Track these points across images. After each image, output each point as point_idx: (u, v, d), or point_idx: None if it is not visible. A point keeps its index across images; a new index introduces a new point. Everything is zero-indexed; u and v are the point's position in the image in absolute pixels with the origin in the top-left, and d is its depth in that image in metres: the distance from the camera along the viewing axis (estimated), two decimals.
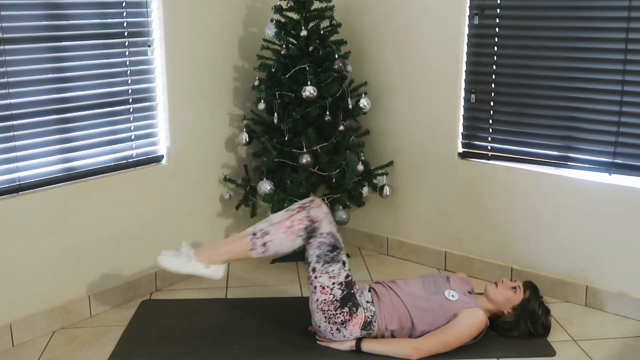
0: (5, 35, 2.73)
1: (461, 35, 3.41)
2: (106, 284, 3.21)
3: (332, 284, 2.71)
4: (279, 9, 3.42)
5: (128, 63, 3.19)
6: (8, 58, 2.75)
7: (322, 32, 3.45)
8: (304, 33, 3.35)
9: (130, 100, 3.23)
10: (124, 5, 3.14)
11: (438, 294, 2.83)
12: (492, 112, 3.42)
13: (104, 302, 3.20)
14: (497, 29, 3.33)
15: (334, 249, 2.73)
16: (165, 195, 3.41)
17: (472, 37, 3.40)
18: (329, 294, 2.71)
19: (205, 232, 3.61)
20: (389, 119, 3.75)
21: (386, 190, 3.67)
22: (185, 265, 2.74)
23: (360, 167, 3.55)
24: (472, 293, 2.97)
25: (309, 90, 3.29)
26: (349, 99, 3.45)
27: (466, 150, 3.54)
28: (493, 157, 3.45)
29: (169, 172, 3.42)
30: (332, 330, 2.76)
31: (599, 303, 3.19)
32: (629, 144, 3.04)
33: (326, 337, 2.80)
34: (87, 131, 3.08)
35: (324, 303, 2.72)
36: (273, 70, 3.44)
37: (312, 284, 2.74)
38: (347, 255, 3.84)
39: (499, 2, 3.29)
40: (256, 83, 3.48)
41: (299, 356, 2.77)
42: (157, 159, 3.39)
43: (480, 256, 3.56)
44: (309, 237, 2.73)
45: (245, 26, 3.68)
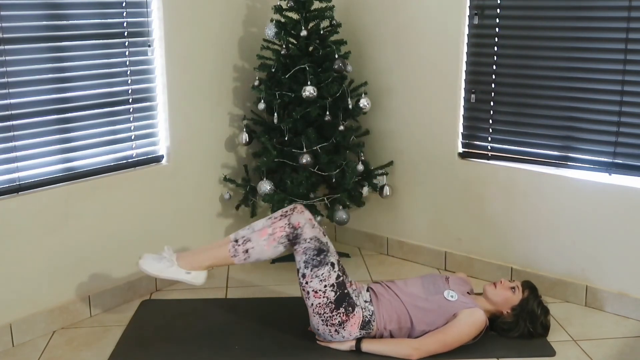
0: (5, 35, 2.73)
1: (461, 35, 3.41)
2: (106, 284, 3.21)
3: (324, 286, 2.71)
4: (279, 9, 3.42)
5: (128, 63, 3.19)
6: (8, 58, 2.75)
7: (322, 32, 3.45)
8: (304, 33, 3.35)
9: (130, 100, 3.23)
10: (124, 5, 3.14)
11: (437, 294, 2.82)
12: (492, 112, 3.42)
13: (104, 302, 3.20)
14: (497, 29, 3.33)
15: (319, 252, 2.71)
16: (165, 195, 3.41)
17: (472, 37, 3.40)
18: (323, 297, 2.71)
19: (205, 232, 3.61)
20: (389, 119, 3.75)
21: (386, 190, 3.67)
22: (166, 270, 2.72)
23: (360, 167, 3.55)
24: (471, 293, 2.97)
25: (309, 90, 3.29)
26: (349, 99, 3.45)
27: (466, 150, 3.54)
28: (493, 157, 3.45)
29: (169, 172, 3.42)
30: (330, 332, 2.76)
31: (599, 303, 3.19)
32: (629, 144, 3.04)
33: (325, 338, 2.80)
34: (87, 131, 3.09)
35: (319, 306, 2.72)
36: (273, 70, 3.44)
37: (305, 290, 2.74)
38: (347, 255, 3.86)
39: (499, 2, 3.29)
40: (256, 83, 3.48)
41: (299, 356, 2.77)
42: (157, 159, 3.39)
43: (480, 256, 3.56)
44: (294, 244, 2.72)
45: (245, 26, 3.68)
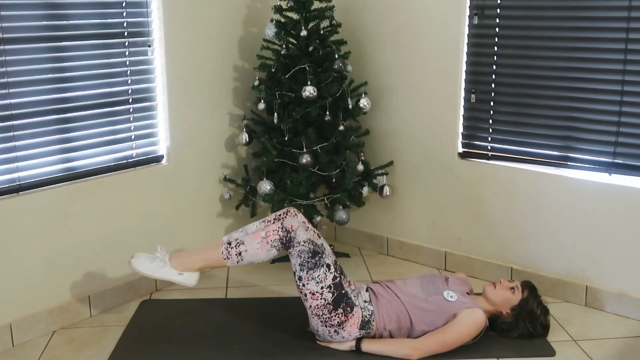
0: (5, 35, 2.73)
1: (461, 35, 3.41)
2: (106, 284, 3.21)
3: (321, 288, 2.70)
4: (279, 9, 3.42)
5: (128, 63, 3.19)
6: (8, 58, 2.75)
7: (322, 32, 3.45)
8: (304, 33, 3.35)
9: (130, 100, 3.23)
10: (124, 5, 3.14)
11: (437, 294, 2.82)
12: (492, 112, 3.42)
13: (104, 302, 3.20)
14: (497, 29, 3.33)
15: (314, 254, 2.71)
16: (165, 195, 3.41)
17: (472, 37, 3.40)
18: (320, 299, 2.70)
19: (205, 232, 3.61)
20: (389, 119, 3.75)
21: (386, 190, 3.67)
22: (159, 270, 2.71)
23: (360, 167, 3.55)
24: (470, 294, 2.97)
25: (309, 90, 3.29)
26: (349, 99, 3.45)
27: (466, 150, 3.54)
28: (493, 157, 3.45)
29: (169, 172, 3.42)
30: (330, 333, 2.76)
31: (599, 303, 3.19)
32: (629, 144, 3.04)
33: (325, 339, 2.80)
34: (87, 131, 3.08)
35: (317, 308, 2.72)
36: (273, 70, 3.44)
37: (302, 292, 2.74)
38: (347, 256, 3.86)
39: (499, 2, 3.29)
40: (256, 83, 3.48)
41: (299, 356, 2.77)
42: (157, 159, 3.39)
43: (480, 256, 3.56)
44: (288, 247, 2.72)
45: (245, 26, 3.68)
